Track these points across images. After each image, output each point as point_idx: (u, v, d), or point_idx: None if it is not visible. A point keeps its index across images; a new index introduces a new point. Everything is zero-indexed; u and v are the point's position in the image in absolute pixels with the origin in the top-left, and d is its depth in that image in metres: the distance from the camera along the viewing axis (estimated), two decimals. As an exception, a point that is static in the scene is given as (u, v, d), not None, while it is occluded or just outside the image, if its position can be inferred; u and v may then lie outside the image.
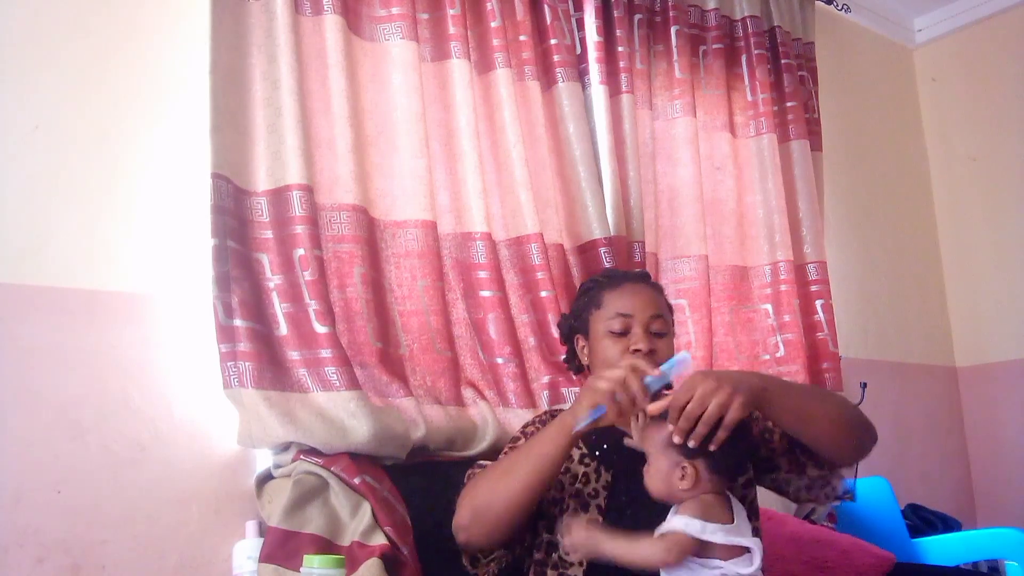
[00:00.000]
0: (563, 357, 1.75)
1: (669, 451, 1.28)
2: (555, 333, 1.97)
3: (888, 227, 3.38)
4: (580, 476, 1.48)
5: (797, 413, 1.40)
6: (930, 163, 3.61)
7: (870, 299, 3.21)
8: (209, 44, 1.75)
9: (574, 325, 1.66)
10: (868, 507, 2.44)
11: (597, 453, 1.51)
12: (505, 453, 1.55)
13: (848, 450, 1.47)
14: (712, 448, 1.26)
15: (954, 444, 3.38)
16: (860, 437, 1.46)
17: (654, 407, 1.29)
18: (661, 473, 1.30)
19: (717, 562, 1.25)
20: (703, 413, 1.25)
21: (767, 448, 1.51)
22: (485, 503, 1.39)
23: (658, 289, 1.64)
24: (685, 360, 1.34)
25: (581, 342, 1.64)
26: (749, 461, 1.50)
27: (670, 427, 1.28)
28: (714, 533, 1.25)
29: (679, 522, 1.26)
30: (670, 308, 1.63)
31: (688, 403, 1.26)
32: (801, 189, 2.74)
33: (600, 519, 1.43)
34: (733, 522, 1.28)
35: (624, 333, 1.52)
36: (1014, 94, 3.36)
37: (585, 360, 1.64)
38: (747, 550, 1.26)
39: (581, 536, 1.30)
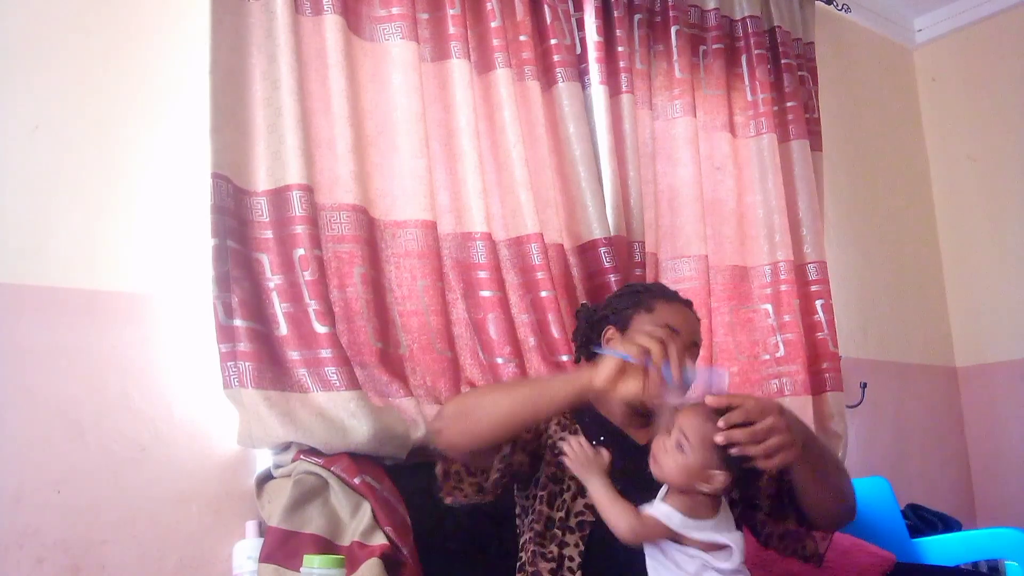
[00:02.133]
0: (578, 345, 1.74)
1: (708, 449, 1.26)
2: (555, 333, 1.98)
3: (888, 227, 3.37)
4: None
5: (816, 473, 1.43)
6: (930, 163, 3.61)
7: (870, 299, 3.21)
8: (209, 44, 1.75)
9: (610, 317, 1.68)
10: (868, 507, 2.43)
11: (594, 443, 1.52)
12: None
13: (834, 522, 1.54)
14: (743, 466, 1.26)
15: (954, 444, 3.38)
16: (847, 516, 1.53)
17: (714, 400, 1.28)
18: (688, 466, 1.27)
19: (696, 551, 1.27)
20: (761, 440, 1.26)
21: (754, 485, 1.53)
22: (472, 407, 1.45)
23: (698, 320, 1.69)
24: (721, 376, 1.38)
25: (612, 332, 1.65)
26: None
27: (720, 423, 1.25)
28: (690, 531, 1.27)
29: (662, 510, 1.27)
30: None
31: (753, 422, 1.26)
32: (801, 189, 2.74)
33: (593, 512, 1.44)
34: (715, 517, 1.29)
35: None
36: (1014, 94, 3.36)
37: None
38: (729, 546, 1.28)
39: (585, 456, 1.33)
